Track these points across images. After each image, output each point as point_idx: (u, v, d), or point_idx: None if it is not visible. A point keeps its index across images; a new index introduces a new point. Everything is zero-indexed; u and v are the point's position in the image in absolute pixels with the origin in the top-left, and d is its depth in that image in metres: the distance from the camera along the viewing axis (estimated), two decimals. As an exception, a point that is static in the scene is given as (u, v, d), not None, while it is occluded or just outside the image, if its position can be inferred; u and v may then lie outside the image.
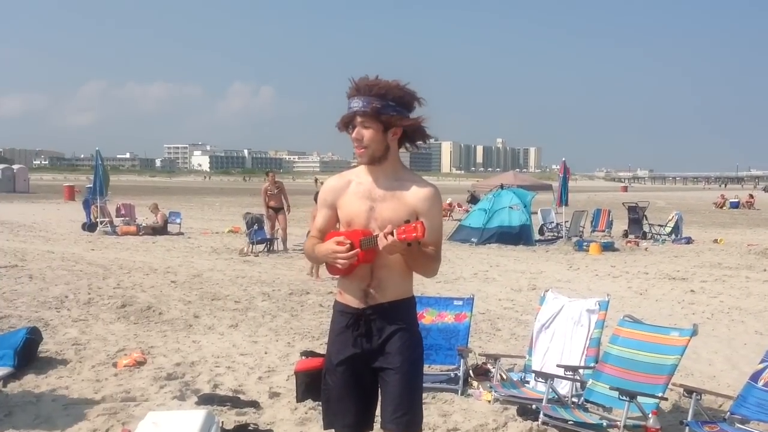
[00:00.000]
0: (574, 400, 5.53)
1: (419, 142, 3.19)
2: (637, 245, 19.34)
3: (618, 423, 4.84)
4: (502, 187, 22.74)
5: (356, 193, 3.16)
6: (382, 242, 2.90)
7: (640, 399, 4.78)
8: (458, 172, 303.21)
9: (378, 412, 3.21)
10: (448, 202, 32.31)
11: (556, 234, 21.63)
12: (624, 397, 4.76)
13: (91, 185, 22.76)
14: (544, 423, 5.20)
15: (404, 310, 3.18)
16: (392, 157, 3.14)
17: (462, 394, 5.95)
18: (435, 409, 5.57)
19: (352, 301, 3.16)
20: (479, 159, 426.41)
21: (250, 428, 5.03)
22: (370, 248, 2.99)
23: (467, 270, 13.93)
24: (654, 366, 5.12)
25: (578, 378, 5.63)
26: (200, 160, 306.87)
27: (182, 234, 20.63)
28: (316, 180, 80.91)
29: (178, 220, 22.00)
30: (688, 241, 20.29)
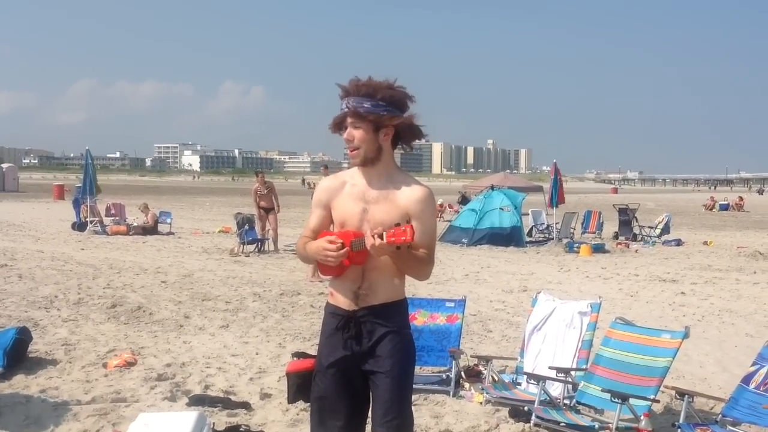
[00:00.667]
0: (566, 402, 5.54)
1: (413, 143, 3.17)
2: (628, 247, 19.41)
3: (610, 425, 4.84)
4: (492, 188, 22.78)
5: (350, 195, 3.14)
6: (369, 242, 2.88)
7: (631, 401, 4.80)
8: (449, 173, 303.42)
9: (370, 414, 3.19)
10: (439, 203, 32.26)
11: (546, 235, 21.67)
12: (616, 399, 4.77)
13: (81, 184, 22.67)
14: (535, 425, 5.20)
15: (395, 312, 3.16)
16: (386, 158, 3.11)
17: (454, 396, 5.95)
18: (427, 411, 5.57)
19: (343, 303, 3.13)
20: (470, 160, 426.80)
21: (241, 429, 5.02)
22: (361, 250, 2.97)
23: (458, 271, 13.94)
24: (646, 368, 5.14)
25: (570, 380, 5.64)
26: (191, 160, 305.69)
27: (173, 234, 20.57)
28: (303, 180, 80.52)
29: (168, 220, 21.92)
30: (678, 243, 20.37)
